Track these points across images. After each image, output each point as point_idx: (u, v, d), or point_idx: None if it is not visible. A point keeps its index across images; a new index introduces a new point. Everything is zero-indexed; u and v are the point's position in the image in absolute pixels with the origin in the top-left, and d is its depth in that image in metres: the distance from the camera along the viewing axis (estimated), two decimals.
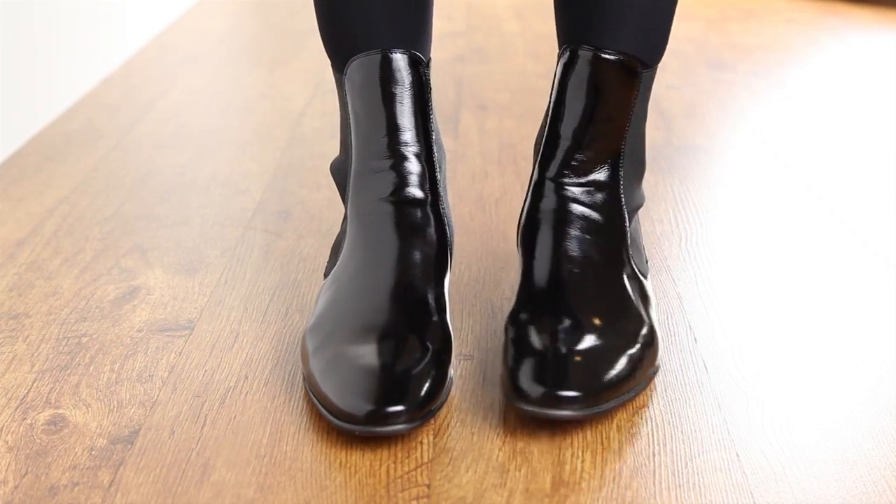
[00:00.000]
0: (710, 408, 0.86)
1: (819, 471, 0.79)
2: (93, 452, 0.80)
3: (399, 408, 0.78)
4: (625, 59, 0.90)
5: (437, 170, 0.93)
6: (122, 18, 1.90)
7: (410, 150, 0.91)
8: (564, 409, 0.80)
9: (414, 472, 0.78)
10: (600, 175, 0.92)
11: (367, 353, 0.82)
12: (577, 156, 0.91)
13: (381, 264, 0.89)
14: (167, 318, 1.00)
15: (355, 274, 0.90)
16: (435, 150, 0.93)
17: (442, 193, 0.94)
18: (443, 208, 0.93)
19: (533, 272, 0.90)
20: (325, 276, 0.96)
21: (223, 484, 0.76)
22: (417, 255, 0.89)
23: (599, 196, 0.92)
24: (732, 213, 1.29)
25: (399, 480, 0.77)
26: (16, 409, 0.85)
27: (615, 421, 0.84)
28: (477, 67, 1.86)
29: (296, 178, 1.34)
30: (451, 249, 0.94)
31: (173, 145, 1.46)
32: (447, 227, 0.93)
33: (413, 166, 0.91)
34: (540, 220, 0.92)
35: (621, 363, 0.84)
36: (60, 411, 0.85)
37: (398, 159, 0.91)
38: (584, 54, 0.90)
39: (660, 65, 0.95)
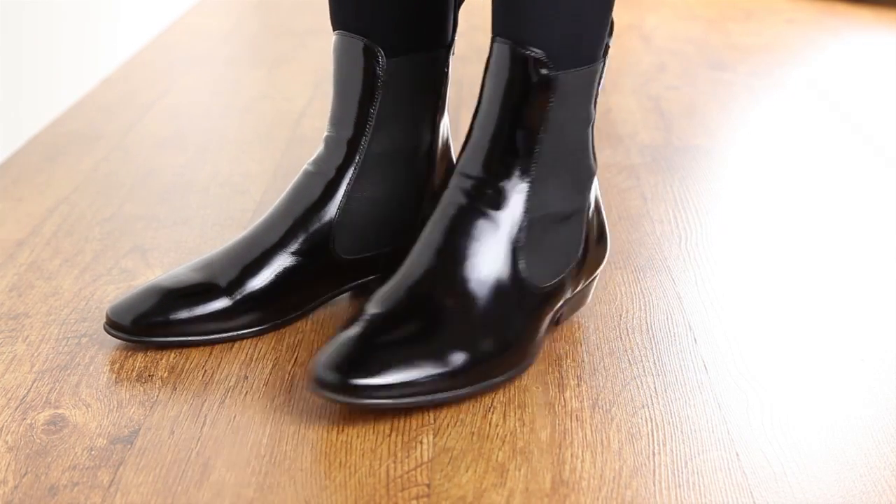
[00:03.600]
0: (710, 408, 0.86)
1: (819, 471, 0.79)
2: (93, 452, 0.80)
3: None
4: (533, 55, 0.86)
5: (359, 151, 0.96)
6: (122, 18, 1.90)
7: (341, 132, 0.97)
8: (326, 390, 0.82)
9: (414, 472, 0.78)
10: (500, 176, 0.89)
11: None
12: (481, 152, 0.89)
13: (266, 220, 0.97)
14: None
15: (261, 221, 0.98)
16: (366, 134, 0.96)
17: (348, 174, 0.96)
18: (342, 185, 0.96)
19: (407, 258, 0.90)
20: None
21: (223, 484, 0.77)
22: (292, 221, 0.96)
23: (495, 196, 0.89)
24: (732, 213, 1.29)
25: (399, 480, 0.77)
26: (16, 409, 0.85)
27: (615, 421, 0.84)
28: (477, 67, 1.85)
29: None
30: (337, 225, 0.96)
31: (173, 145, 1.46)
32: (346, 206, 0.96)
33: (333, 145, 0.97)
34: (434, 209, 0.91)
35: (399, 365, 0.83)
36: (60, 411, 0.85)
37: (330, 134, 0.98)
38: (498, 47, 0.88)
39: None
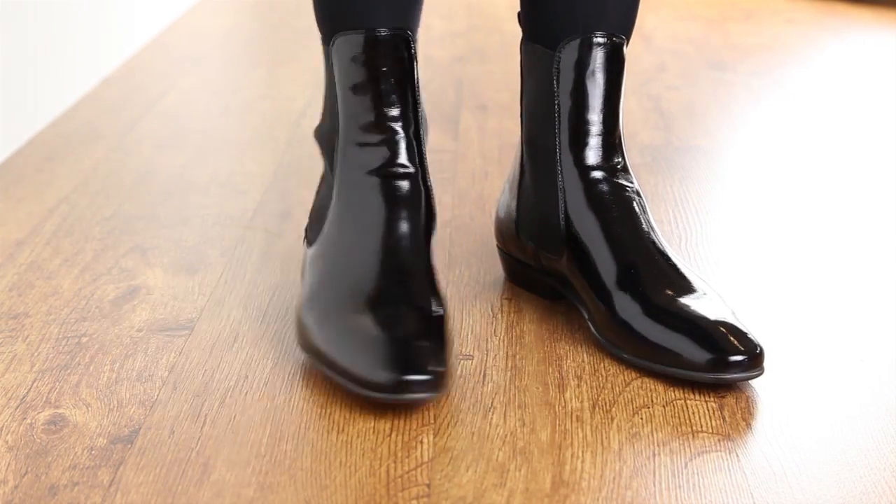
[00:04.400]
0: (710, 408, 0.87)
1: (819, 471, 0.79)
2: (93, 452, 0.80)
3: (420, 377, 0.81)
4: (621, 40, 0.95)
5: (423, 143, 0.96)
6: (122, 18, 1.90)
7: (399, 125, 0.94)
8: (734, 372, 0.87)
9: (414, 472, 0.78)
10: (619, 157, 0.97)
11: (370, 324, 0.85)
12: (609, 140, 0.96)
13: (372, 236, 0.92)
14: (167, 317, 1.00)
15: (348, 247, 0.93)
16: (421, 124, 0.96)
17: (426, 165, 0.97)
18: (428, 181, 0.96)
19: (615, 256, 0.93)
20: (307, 239, 0.98)
21: (223, 483, 0.77)
22: (406, 226, 0.93)
23: (629, 176, 0.97)
24: (732, 214, 1.29)
25: (399, 480, 0.77)
26: (16, 409, 0.85)
27: (615, 421, 0.84)
28: (477, 67, 1.86)
29: (296, 178, 1.34)
30: (434, 218, 0.96)
31: (173, 145, 1.46)
32: (432, 198, 0.96)
33: (401, 141, 0.94)
34: (596, 207, 0.95)
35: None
36: (60, 411, 0.85)
37: (388, 134, 0.94)
38: (600, 41, 0.94)
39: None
